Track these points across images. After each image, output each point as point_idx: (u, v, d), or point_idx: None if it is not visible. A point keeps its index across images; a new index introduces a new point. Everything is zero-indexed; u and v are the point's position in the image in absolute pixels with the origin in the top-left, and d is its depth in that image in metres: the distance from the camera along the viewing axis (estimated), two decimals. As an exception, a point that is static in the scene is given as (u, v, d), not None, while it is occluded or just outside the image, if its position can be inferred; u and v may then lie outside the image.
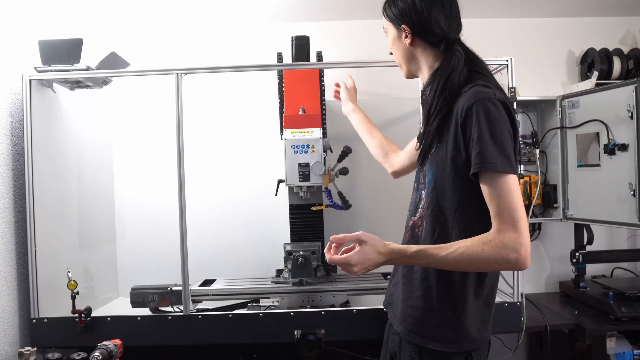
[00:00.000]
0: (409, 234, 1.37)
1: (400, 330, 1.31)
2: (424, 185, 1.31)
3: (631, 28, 2.81)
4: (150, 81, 2.53)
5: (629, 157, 2.13)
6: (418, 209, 1.33)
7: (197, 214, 2.29)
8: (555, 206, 2.60)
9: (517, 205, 1.10)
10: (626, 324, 2.14)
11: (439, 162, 1.25)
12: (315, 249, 2.09)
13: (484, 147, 1.12)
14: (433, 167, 1.27)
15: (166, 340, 1.89)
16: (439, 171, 1.25)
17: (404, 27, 1.35)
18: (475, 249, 1.11)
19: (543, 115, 2.69)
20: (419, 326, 1.27)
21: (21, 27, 2.01)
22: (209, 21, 2.69)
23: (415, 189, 1.39)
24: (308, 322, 1.87)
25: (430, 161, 1.28)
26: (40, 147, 1.94)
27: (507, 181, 1.11)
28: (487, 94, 1.16)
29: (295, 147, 2.02)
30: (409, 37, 1.35)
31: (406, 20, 1.34)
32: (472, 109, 1.15)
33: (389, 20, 1.40)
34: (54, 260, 2.00)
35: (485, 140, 1.12)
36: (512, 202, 1.10)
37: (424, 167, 1.32)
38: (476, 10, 2.71)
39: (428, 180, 1.29)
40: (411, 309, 1.29)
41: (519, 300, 1.92)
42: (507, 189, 1.11)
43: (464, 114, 1.17)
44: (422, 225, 1.30)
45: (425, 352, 1.26)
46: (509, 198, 1.10)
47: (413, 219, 1.36)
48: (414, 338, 1.27)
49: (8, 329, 1.86)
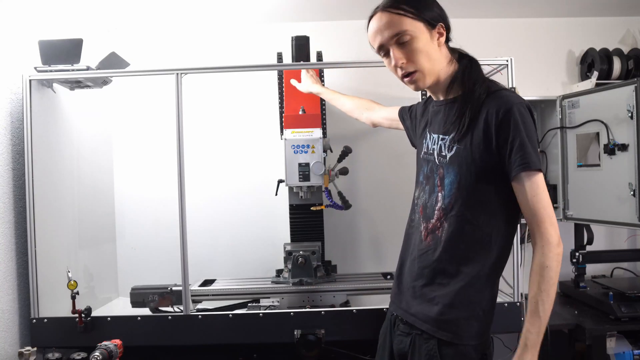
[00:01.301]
0: (430, 238, 1.33)
1: (427, 328, 1.29)
2: (441, 187, 1.31)
3: (631, 28, 2.81)
4: (150, 81, 2.53)
5: (629, 157, 2.13)
6: (435, 211, 1.32)
7: (197, 214, 2.29)
8: (555, 206, 2.60)
9: (549, 202, 1.21)
10: (626, 324, 2.14)
11: (462, 163, 1.26)
12: (315, 249, 2.09)
13: (525, 148, 1.18)
14: (455, 168, 1.27)
15: (166, 340, 1.89)
16: (462, 172, 1.26)
17: (441, 25, 1.28)
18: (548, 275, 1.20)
19: (543, 115, 2.69)
20: (445, 323, 1.27)
21: (21, 27, 2.01)
22: (209, 21, 2.69)
23: (428, 192, 1.36)
24: (308, 322, 1.87)
25: (451, 163, 1.28)
26: (40, 147, 1.94)
27: (542, 179, 1.21)
28: (518, 98, 1.23)
29: (295, 147, 2.02)
30: (443, 38, 1.29)
31: (442, 18, 1.28)
32: (510, 113, 1.19)
33: (419, 18, 1.26)
34: (54, 260, 2.00)
35: (525, 142, 1.18)
36: (547, 199, 1.21)
37: (440, 169, 1.32)
38: (476, 10, 2.71)
39: (449, 181, 1.29)
40: (438, 307, 1.29)
41: (519, 300, 1.92)
42: (543, 186, 1.20)
43: (500, 117, 1.20)
44: (442, 227, 1.30)
45: (445, 349, 1.27)
46: (545, 195, 1.20)
47: (431, 222, 1.33)
48: (442, 334, 1.27)
49: (8, 329, 1.86)
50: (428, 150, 1.40)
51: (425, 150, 1.42)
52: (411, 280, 1.37)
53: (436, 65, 1.30)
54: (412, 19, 1.26)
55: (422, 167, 1.42)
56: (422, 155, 1.43)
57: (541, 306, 1.18)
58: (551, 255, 1.20)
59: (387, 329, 1.47)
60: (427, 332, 1.29)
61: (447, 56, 1.33)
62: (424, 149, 1.42)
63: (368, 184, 2.64)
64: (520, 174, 1.19)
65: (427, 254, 1.33)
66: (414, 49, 1.27)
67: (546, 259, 1.19)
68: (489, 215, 1.26)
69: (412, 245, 1.41)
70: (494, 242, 1.27)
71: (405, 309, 1.37)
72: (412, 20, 1.26)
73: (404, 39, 1.26)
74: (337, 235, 2.63)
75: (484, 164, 1.23)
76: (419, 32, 1.26)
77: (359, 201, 2.56)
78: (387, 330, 1.47)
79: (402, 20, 1.26)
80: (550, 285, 1.19)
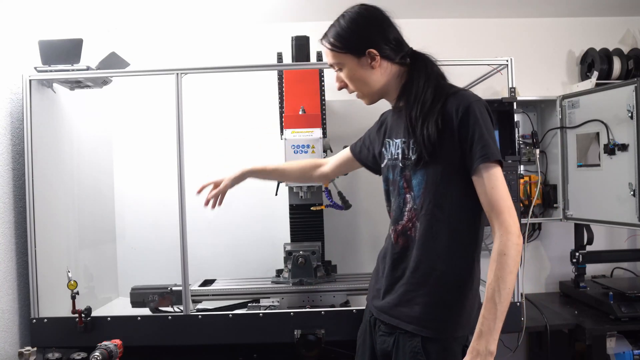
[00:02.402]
0: (401, 240, 1.37)
1: (412, 329, 1.31)
2: (408, 189, 1.35)
3: (631, 28, 2.81)
4: (150, 81, 2.53)
5: (629, 157, 2.13)
6: (404, 213, 1.36)
7: (197, 214, 2.29)
8: (555, 206, 2.60)
9: (508, 194, 1.25)
10: (626, 324, 2.14)
11: (428, 163, 1.30)
12: (315, 249, 2.09)
13: (484, 142, 1.24)
14: (422, 169, 1.31)
15: (166, 340, 1.89)
16: (430, 172, 1.30)
17: (370, 51, 1.33)
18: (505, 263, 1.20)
19: (543, 115, 2.69)
20: (428, 322, 1.30)
21: (21, 27, 2.01)
22: (209, 21, 2.69)
23: (396, 194, 1.40)
24: (308, 322, 1.87)
25: (417, 164, 1.32)
26: (40, 147, 1.94)
27: (500, 171, 1.26)
28: (475, 96, 1.29)
29: (295, 147, 2.02)
30: (377, 61, 1.34)
31: (371, 43, 1.33)
32: (469, 110, 1.25)
33: (345, 51, 1.34)
34: (54, 260, 2.00)
35: (485, 136, 1.24)
36: (506, 191, 1.25)
37: (406, 172, 1.35)
38: (476, 10, 2.71)
39: (417, 182, 1.33)
40: (419, 306, 1.31)
41: (519, 300, 1.91)
42: (501, 178, 1.25)
43: (460, 115, 1.26)
44: (414, 226, 1.34)
45: (429, 345, 1.29)
46: (503, 187, 1.24)
47: (401, 223, 1.37)
48: (427, 332, 1.29)
49: (8, 329, 1.86)
50: (392, 156, 1.43)
51: (389, 157, 1.45)
52: (389, 284, 1.39)
53: (374, 85, 1.37)
54: (339, 52, 1.35)
55: (387, 175, 1.45)
56: (386, 162, 1.46)
57: (497, 293, 1.19)
58: (510, 244, 1.20)
59: (366, 330, 1.48)
60: (411, 332, 1.31)
61: (389, 72, 1.37)
62: (388, 157, 1.45)
63: (368, 184, 2.64)
64: (479, 167, 1.24)
65: (402, 255, 1.37)
66: (347, 77, 1.38)
67: (504, 247, 1.21)
68: (457, 210, 1.30)
69: (384, 251, 1.45)
70: (464, 234, 1.32)
71: (386, 312, 1.39)
72: (338, 54, 1.36)
73: (337, 68, 1.39)
74: (337, 235, 2.63)
75: (449, 161, 1.28)
76: (348, 63, 1.36)
77: (359, 201, 2.56)
78: (366, 331, 1.48)
79: (332, 54, 1.37)
80: (507, 273, 1.20)
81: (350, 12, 1.37)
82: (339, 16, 1.39)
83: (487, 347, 1.19)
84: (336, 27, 1.36)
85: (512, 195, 1.86)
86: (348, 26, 1.35)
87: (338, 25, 1.36)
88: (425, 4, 2.61)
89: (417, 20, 2.74)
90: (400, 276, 1.36)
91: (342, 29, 1.35)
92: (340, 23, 1.36)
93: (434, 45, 2.30)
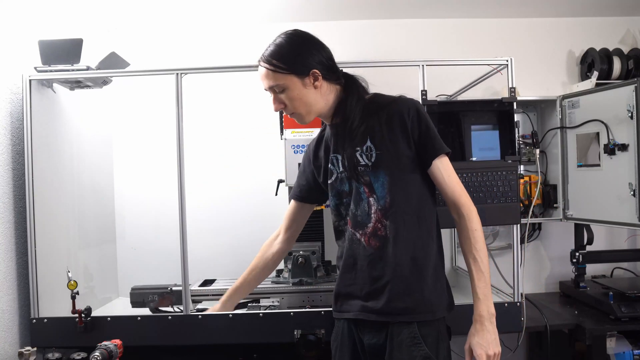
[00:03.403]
0: (374, 241, 1.41)
1: (407, 319, 1.37)
2: (370, 193, 1.41)
3: (631, 28, 2.81)
4: (150, 81, 2.52)
5: (629, 157, 2.13)
6: (371, 215, 1.41)
7: (197, 214, 2.29)
8: (555, 206, 2.60)
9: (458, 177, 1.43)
10: (626, 324, 2.14)
11: (388, 164, 1.40)
12: (315, 249, 2.09)
13: (435, 137, 1.41)
14: (382, 170, 1.40)
15: (166, 340, 1.89)
16: (391, 171, 1.40)
17: (314, 72, 1.39)
18: (477, 236, 1.39)
19: (543, 115, 2.69)
20: (422, 308, 1.39)
21: (21, 27, 2.01)
22: (209, 21, 2.69)
23: (357, 201, 1.43)
24: (308, 322, 1.87)
25: (376, 167, 1.40)
26: (40, 147, 1.94)
27: (449, 161, 1.43)
28: (413, 99, 1.45)
29: (295, 147, 2.02)
30: (319, 81, 1.40)
31: (313, 64, 1.39)
32: (416, 112, 1.40)
33: (289, 72, 1.38)
34: (54, 260, 2.00)
35: (433, 132, 1.41)
36: (456, 176, 1.43)
37: (364, 177, 1.41)
38: (476, 10, 2.71)
39: (380, 184, 1.40)
40: (411, 297, 1.38)
41: (519, 300, 1.92)
42: (451, 165, 1.43)
43: (411, 117, 1.40)
44: (384, 226, 1.40)
45: (423, 329, 1.38)
46: (455, 174, 1.42)
47: (369, 226, 1.41)
48: (421, 317, 1.38)
49: (8, 329, 1.86)
50: (342, 168, 1.46)
51: (340, 170, 1.48)
52: (370, 284, 1.41)
53: (313, 106, 1.44)
54: (283, 73, 1.39)
55: (340, 188, 1.49)
56: (336, 176, 1.49)
57: (481, 263, 1.37)
58: (475, 219, 1.39)
59: (343, 332, 1.49)
60: (407, 321, 1.37)
61: (329, 91, 1.46)
62: (338, 170, 1.48)
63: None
64: (434, 160, 1.40)
65: (377, 255, 1.40)
66: (288, 98, 1.42)
67: (473, 223, 1.39)
68: (420, 199, 1.42)
69: (351, 259, 1.46)
70: (429, 220, 1.44)
71: (375, 311, 1.40)
72: (282, 75, 1.39)
73: (278, 90, 1.42)
74: (337, 235, 2.62)
75: (406, 158, 1.40)
76: (291, 84, 1.40)
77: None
78: (343, 333, 1.48)
79: (274, 75, 1.40)
80: (482, 243, 1.39)
81: (287, 35, 1.43)
82: (274, 38, 1.43)
83: (488, 310, 1.37)
84: (276, 49, 1.40)
85: (513, 195, 1.89)
86: (290, 47, 1.40)
87: (278, 47, 1.40)
88: (425, 4, 2.61)
89: (417, 20, 2.74)
90: (381, 275, 1.40)
91: (284, 50, 1.39)
92: (280, 44, 1.40)
93: (434, 45, 2.34)
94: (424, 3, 2.61)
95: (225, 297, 1.79)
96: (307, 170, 1.64)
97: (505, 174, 1.90)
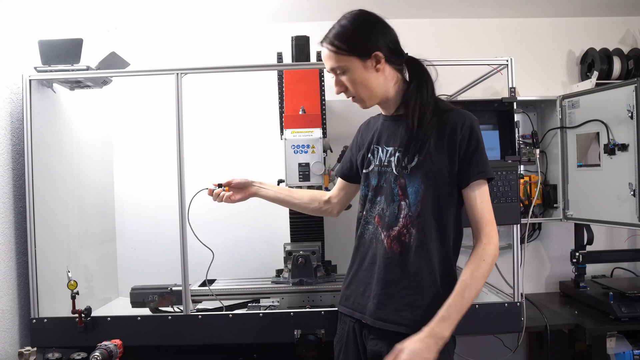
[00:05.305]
0: (396, 246, 1.37)
1: (411, 331, 1.29)
2: (403, 196, 1.38)
3: (631, 28, 2.81)
4: (150, 81, 2.53)
5: (629, 157, 2.13)
6: (399, 219, 1.38)
7: (197, 214, 2.29)
8: (555, 206, 2.60)
9: (491, 207, 1.37)
10: (626, 324, 2.14)
11: (427, 172, 1.35)
12: (315, 249, 2.09)
13: (482, 158, 1.35)
14: (418, 177, 1.35)
15: (166, 340, 1.89)
16: (428, 181, 1.35)
17: (376, 54, 1.32)
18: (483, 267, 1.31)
19: (543, 115, 2.69)
20: (428, 320, 1.30)
21: (21, 27, 2.01)
22: (209, 21, 2.69)
23: (385, 202, 1.41)
24: (308, 322, 1.87)
25: (413, 173, 1.36)
26: (40, 147, 1.94)
27: (487, 188, 1.37)
28: (473, 116, 1.38)
29: (295, 147, 2.02)
30: (381, 64, 1.34)
31: (376, 46, 1.33)
32: (471, 129, 1.34)
33: (351, 53, 1.32)
34: (54, 260, 2.00)
35: (481, 153, 1.35)
36: (490, 205, 1.36)
37: (400, 179, 1.37)
38: (476, 10, 2.71)
39: (414, 190, 1.36)
40: (420, 309, 1.34)
41: (519, 300, 1.91)
42: (489, 194, 1.36)
43: (463, 132, 1.34)
44: (409, 232, 1.36)
45: None
46: (489, 202, 1.36)
47: (395, 229, 1.38)
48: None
49: (8, 329, 1.86)
50: (382, 162, 1.43)
51: (377, 163, 1.45)
52: (382, 288, 1.39)
53: (375, 90, 1.38)
54: (344, 55, 1.33)
55: (370, 181, 1.46)
56: (373, 168, 1.46)
57: (468, 289, 1.29)
58: (490, 252, 1.31)
59: (348, 335, 1.47)
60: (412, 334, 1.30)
61: (391, 77, 1.39)
62: (376, 162, 1.45)
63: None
64: (473, 182, 1.34)
65: (396, 260, 1.37)
66: (350, 81, 1.36)
67: (485, 254, 1.31)
68: (447, 217, 1.37)
69: (370, 256, 1.44)
70: (450, 239, 1.39)
71: (382, 319, 1.38)
72: (344, 56, 1.34)
73: (339, 72, 1.37)
74: (337, 235, 2.61)
75: (447, 172, 1.35)
76: (353, 66, 1.34)
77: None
78: (349, 336, 1.47)
79: (335, 57, 1.34)
80: (481, 276, 1.30)
81: (352, 15, 1.36)
82: (339, 19, 1.37)
83: (442, 332, 1.26)
84: (339, 29, 1.34)
85: (513, 195, 1.89)
86: (353, 28, 1.34)
87: (341, 27, 1.34)
88: (425, 4, 2.61)
89: (417, 20, 2.74)
90: (396, 280, 1.37)
91: (346, 31, 1.34)
92: (343, 25, 1.35)
93: (434, 45, 2.34)
94: (424, 3, 2.61)
95: (255, 181, 1.73)
96: (354, 149, 1.59)
97: (505, 174, 1.90)
